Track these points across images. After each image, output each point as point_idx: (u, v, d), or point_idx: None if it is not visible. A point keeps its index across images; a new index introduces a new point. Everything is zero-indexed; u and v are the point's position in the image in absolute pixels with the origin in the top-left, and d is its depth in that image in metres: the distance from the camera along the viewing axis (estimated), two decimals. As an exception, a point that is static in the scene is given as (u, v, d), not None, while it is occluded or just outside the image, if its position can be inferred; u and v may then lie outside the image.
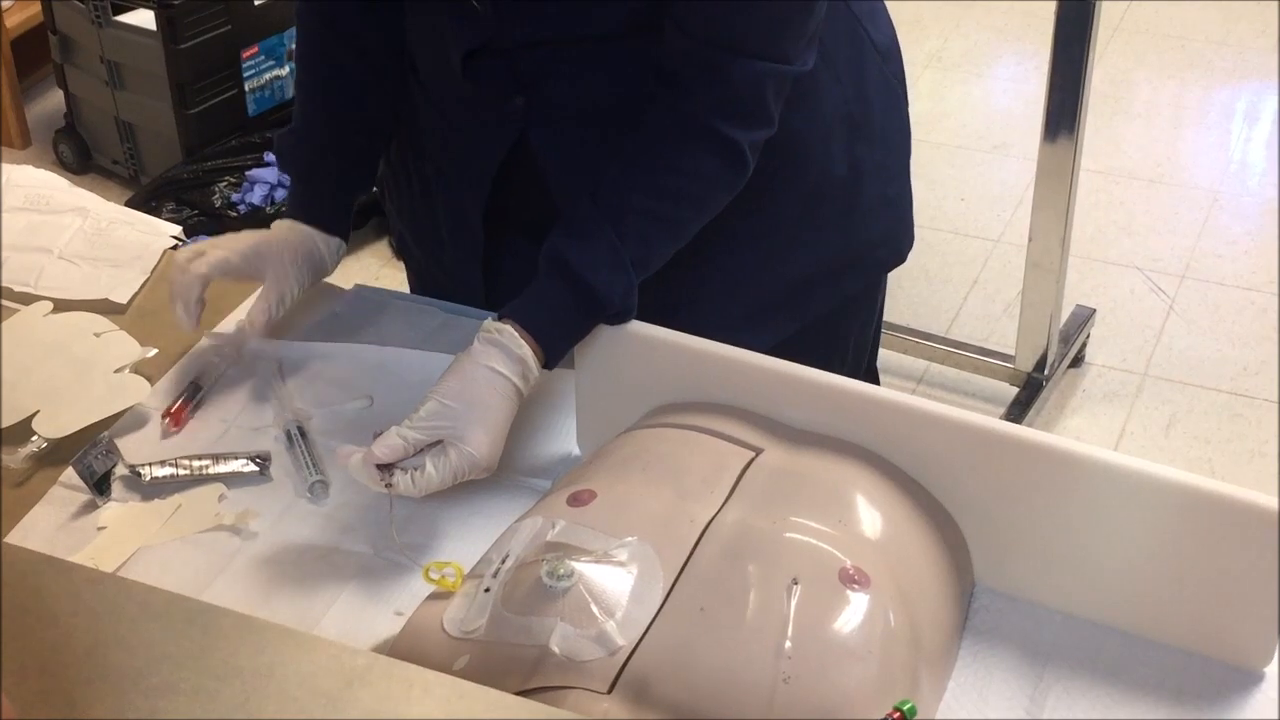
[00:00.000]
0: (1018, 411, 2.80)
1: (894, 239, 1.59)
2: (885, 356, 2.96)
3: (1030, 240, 2.77)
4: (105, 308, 1.56)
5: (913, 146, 1.59)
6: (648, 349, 1.30)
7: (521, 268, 1.48)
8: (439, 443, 1.22)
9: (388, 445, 1.20)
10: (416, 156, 1.54)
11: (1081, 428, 2.86)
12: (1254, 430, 2.84)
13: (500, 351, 1.25)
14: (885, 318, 3.03)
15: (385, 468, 1.20)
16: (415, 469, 1.21)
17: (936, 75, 4.04)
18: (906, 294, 3.20)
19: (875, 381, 1.63)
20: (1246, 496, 1.10)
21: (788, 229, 1.46)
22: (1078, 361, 3.01)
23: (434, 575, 1.13)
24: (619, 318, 1.29)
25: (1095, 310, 3.06)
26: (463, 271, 1.52)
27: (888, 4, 1.55)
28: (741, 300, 1.37)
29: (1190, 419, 2.88)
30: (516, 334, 1.25)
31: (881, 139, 1.52)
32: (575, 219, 1.31)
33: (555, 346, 1.28)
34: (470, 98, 1.41)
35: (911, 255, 1.63)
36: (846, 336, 1.61)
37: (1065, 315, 2.94)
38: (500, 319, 1.27)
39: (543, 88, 1.38)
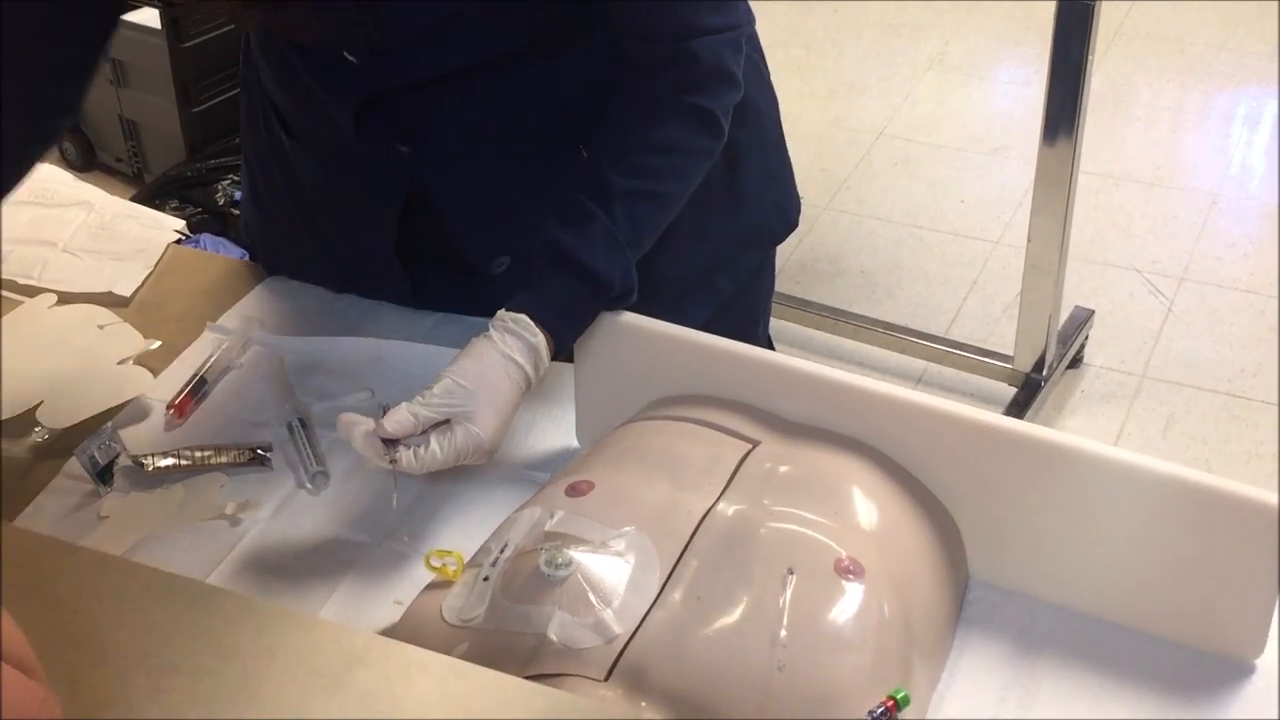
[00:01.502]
0: (1016, 412, 2.81)
1: (782, 210, 1.63)
2: (884, 357, 2.99)
3: (1029, 242, 2.79)
4: (109, 300, 1.57)
5: (913, 148, 1.61)
6: (646, 342, 1.31)
7: (451, 290, 1.50)
8: (446, 422, 1.22)
9: (397, 420, 1.20)
10: (298, 202, 1.54)
11: (1079, 428, 2.87)
12: (1251, 431, 2.85)
13: (516, 339, 1.25)
14: (883, 317, 3.08)
15: (390, 443, 1.20)
16: (419, 445, 1.21)
17: (937, 77, 4.06)
18: (905, 294, 3.21)
19: (771, 349, 1.64)
20: (1238, 490, 1.11)
21: (681, 220, 1.45)
22: (1076, 362, 3.02)
23: (435, 563, 1.14)
24: (621, 300, 1.31)
25: (1094, 311, 3.07)
26: (387, 297, 1.55)
27: (890, 5, 1.56)
28: (658, 295, 1.38)
29: (1188, 420, 2.89)
30: (532, 324, 1.26)
31: (754, 116, 1.54)
32: (566, 209, 1.32)
33: (565, 335, 1.29)
34: (354, 150, 1.43)
35: (911, 255, 1.65)
36: (755, 310, 1.65)
37: (1064, 316, 2.96)
38: (511, 310, 1.27)
39: (427, 132, 1.40)
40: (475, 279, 1.48)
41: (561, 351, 1.29)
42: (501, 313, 1.27)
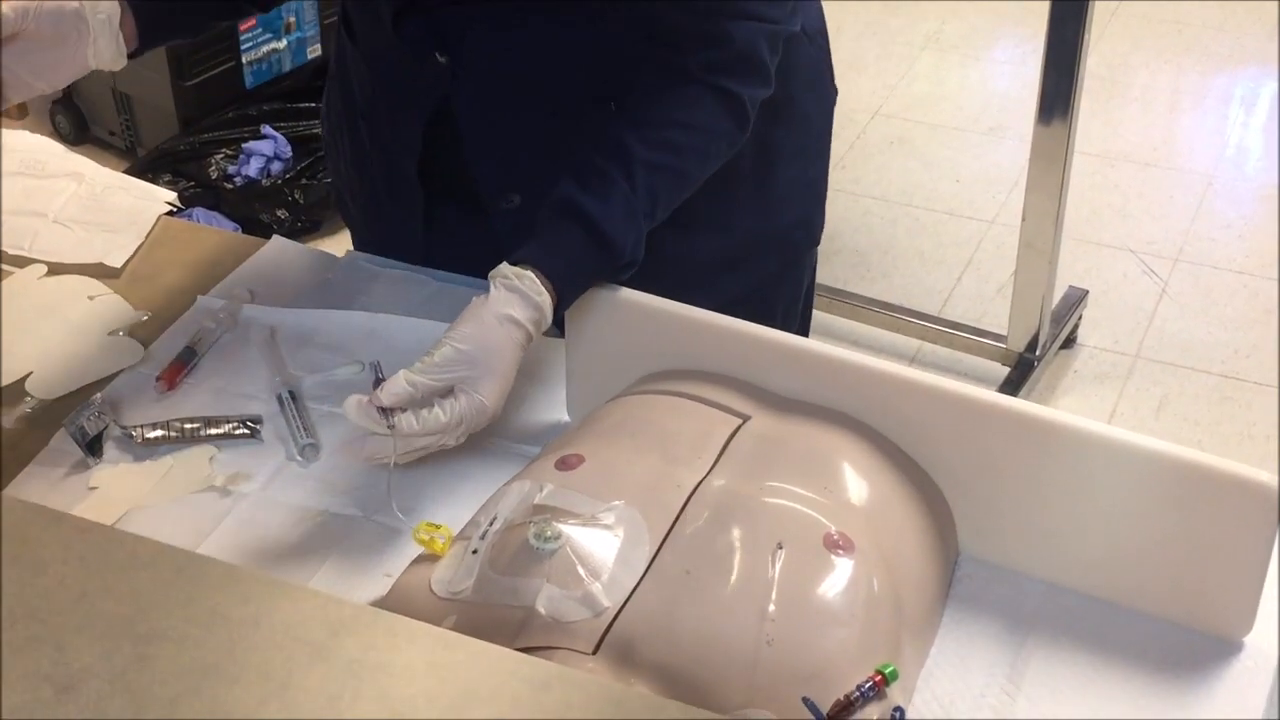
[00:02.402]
0: (1009, 391, 2.81)
1: (808, 223, 1.61)
2: (878, 335, 2.99)
3: (1024, 222, 2.79)
4: (99, 271, 1.57)
5: (909, 127, 1.60)
6: (638, 317, 1.30)
7: (459, 228, 1.49)
8: (448, 389, 1.21)
9: (394, 392, 1.18)
10: (350, 114, 1.56)
11: (1072, 408, 2.85)
12: (1244, 413, 2.85)
13: (519, 298, 1.23)
14: (878, 296, 3.07)
15: (386, 411, 1.19)
16: (423, 408, 1.19)
17: (934, 57, 4.05)
18: (900, 274, 3.21)
19: None
20: (1229, 467, 1.11)
21: (702, 210, 1.45)
22: (1070, 343, 3.02)
23: (424, 536, 1.14)
24: (626, 270, 1.30)
25: (1088, 292, 3.07)
26: (403, 229, 1.54)
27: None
28: (657, 281, 1.37)
29: (1181, 401, 2.89)
30: (538, 281, 1.24)
31: (802, 122, 1.53)
32: (585, 170, 1.30)
33: (569, 295, 1.27)
34: (398, 56, 1.43)
35: (906, 235, 1.65)
36: (771, 315, 1.60)
37: (1058, 296, 2.96)
38: (517, 264, 1.25)
39: (463, 47, 1.39)
40: (483, 221, 1.47)
41: (559, 312, 1.27)
42: (504, 267, 1.25)
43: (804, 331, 1.70)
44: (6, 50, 1.26)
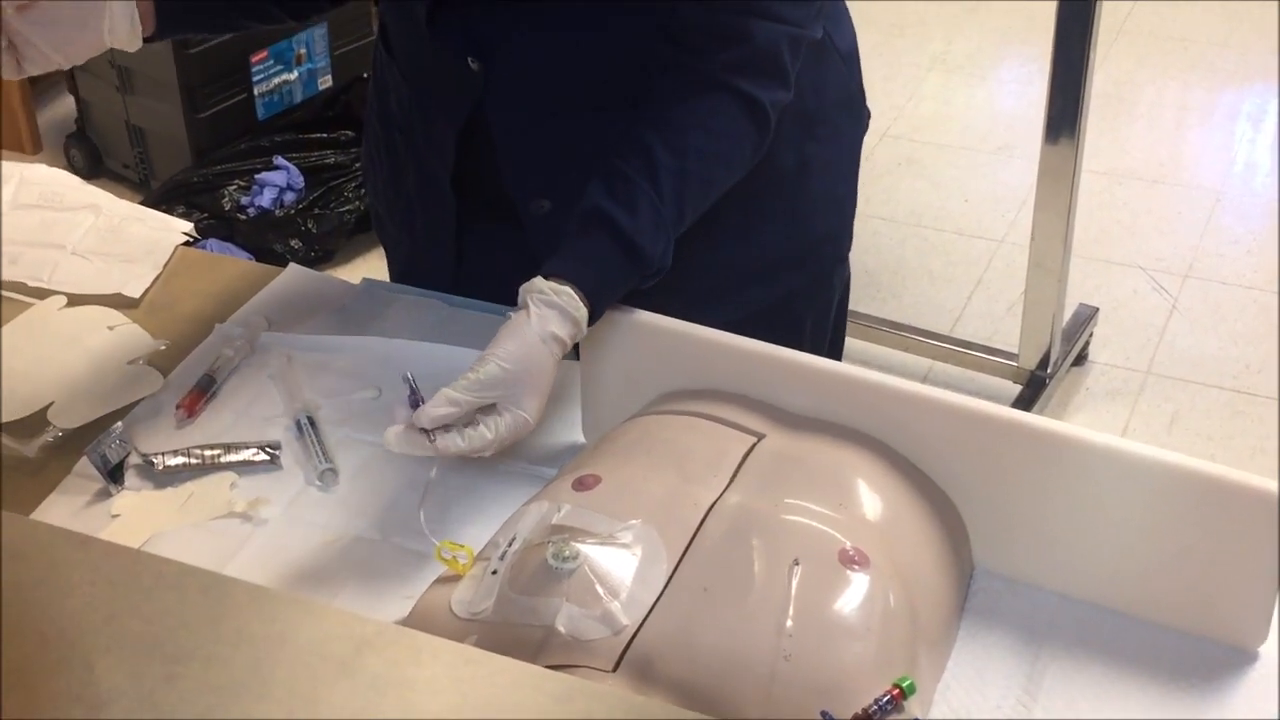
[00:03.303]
0: (1022, 409, 2.81)
1: (836, 239, 1.61)
2: (889, 355, 3.00)
3: (1033, 240, 2.79)
4: (118, 302, 1.58)
5: (916, 147, 1.61)
6: (653, 338, 1.31)
7: (491, 235, 1.50)
8: (490, 405, 1.22)
9: (437, 414, 1.19)
10: (388, 129, 1.57)
11: (1085, 425, 2.86)
12: (1256, 427, 2.85)
13: (558, 314, 1.24)
14: (888, 316, 3.08)
15: (427, 431, 1.19)
16: (468, 425, 1.20)
17: (940, 77, 4.06)
18: (910, 293, 3.22)
19: None
20: (1242, 478, 1.12)
21: (732, 220, 1.46)
22: (1081, 360, 3.03)
23: (446, 555, 1.15)
24: (655, 276, 1.31)
25: (1098, 309, 3.08)
26: (436, 239, 1.55)
27: (892, 5, 1.57)
28: (683, 291, 1.38)
29: (1193, 416, 2.90)
30: (576, 296, 1.24)
31: (834, 137, 1.53)
32: (614, 179, 1.31)
33: (601, 306, 1.27)
34: (433, 65, 1.44)
35: (915, 255, 1.65)
36: (799, 327, 1.60)
37: (1068, 314, 2.96)
38: (551, 278, 1.25)
39: (498, 53, 1.40)
40: (515, 227, 1.48)
41: (591, 323, 1.27)
42: (540, 283, 1.25)
43: (837, 351, 1.70)
44: (25, 18, 1.28)
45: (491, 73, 1.41)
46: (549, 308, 1.24)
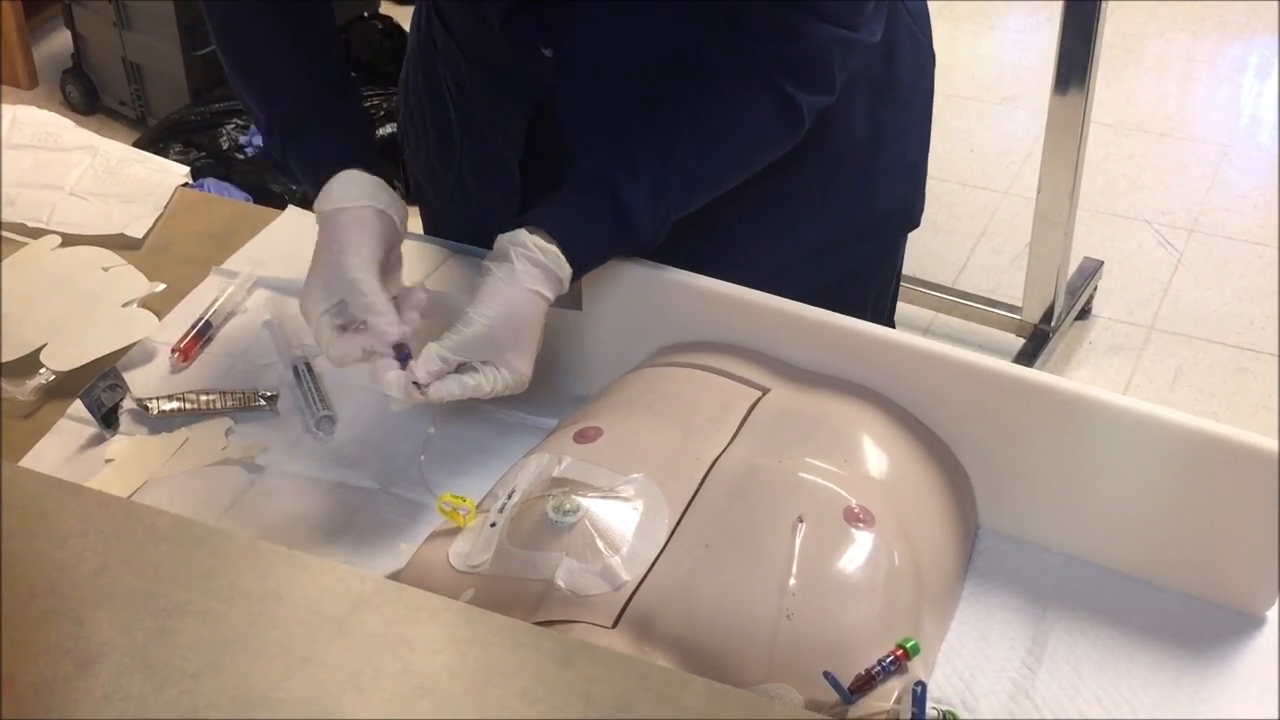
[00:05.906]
0: (1024, 363, 2.80)
1: (908, 203, 1.58)
2: (891, 306, 2.98)
3: (1039, 192, 2.77)
4: (120, 243, 1.56)
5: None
6: (656, 289, 1.30)
7: None
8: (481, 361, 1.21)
9: (430, 370, 1.18)
10: (436, 103, 1.53)
11: (1087, 380, 2.85)
12: (1259, 384, 2.84)
13: (543, 273, 1.22)
14: (892, 267, 3.05)
15: (420, 386, 1.18)
16: (462, 372, 1.19)
17: (947, 26, 4.03)
18: (914, 245, 3.15)
19: None
20: (1250, 439, 1.10)
21: (808, 193, 1.45)
22: (1085, 314, 3.01)
23: (447, 507, 1.13)
24: (640, 252, 1.29)
25: (1103, 263, 3.06)
26: (495, 217, 1.51)
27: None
28: (757, 265, 1.36)
29: (1196, 372, 2.88)
30: (562, 257, 1.23)
31: (906, 103, 1.51)
32: (626, 146, 1.29)
33: (586, 269, 1.26)
34: (501, 50, 1.41)
35: (918, 205, 1.62)
36: (863, 299, 1.59)
37: (1073, 267, 2.95)
38: (536, 232, 1.23)
39: (570, 41, 1.37)
40: None
41: (571, 284, 1.26)
42: (523, 236, 1.23)
43: (889, 317, 1.68)
44: None
45: (564, 59, 1.38)
46: (534, 265, 1.22)
